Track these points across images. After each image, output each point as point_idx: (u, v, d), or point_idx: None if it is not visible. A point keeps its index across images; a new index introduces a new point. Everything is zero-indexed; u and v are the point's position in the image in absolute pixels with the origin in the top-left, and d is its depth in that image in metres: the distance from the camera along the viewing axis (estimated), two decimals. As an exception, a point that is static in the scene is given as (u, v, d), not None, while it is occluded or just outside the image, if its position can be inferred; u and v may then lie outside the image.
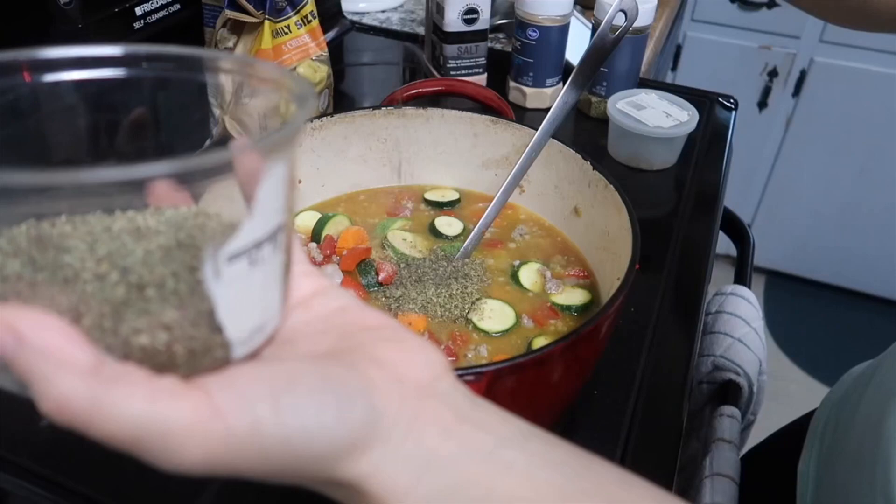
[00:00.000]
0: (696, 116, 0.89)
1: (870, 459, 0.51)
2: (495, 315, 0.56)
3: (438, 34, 0.99)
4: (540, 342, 0.54)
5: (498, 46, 1.19)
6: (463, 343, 0.54)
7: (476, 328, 0.55)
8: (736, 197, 1.64)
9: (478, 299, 0.58)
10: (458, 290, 0.58)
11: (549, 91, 1.00)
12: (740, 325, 0.77)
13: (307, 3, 0.83)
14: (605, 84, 0.96)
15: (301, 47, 0.84)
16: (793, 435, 0.72)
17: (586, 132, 0.97)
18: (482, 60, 1.01)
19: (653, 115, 0.88)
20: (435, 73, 1.03)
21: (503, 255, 0.64)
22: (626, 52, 0.94)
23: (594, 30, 0.94)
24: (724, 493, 0.60)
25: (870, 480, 0.50)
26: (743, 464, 0.64)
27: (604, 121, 0.93)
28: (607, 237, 0.58)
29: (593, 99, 0.98)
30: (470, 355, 0.54)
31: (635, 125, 0.86)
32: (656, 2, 0.92)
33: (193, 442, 0.23)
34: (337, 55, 1.13)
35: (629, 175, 0.87)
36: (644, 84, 0.99)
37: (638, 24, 0.91)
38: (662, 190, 0.89)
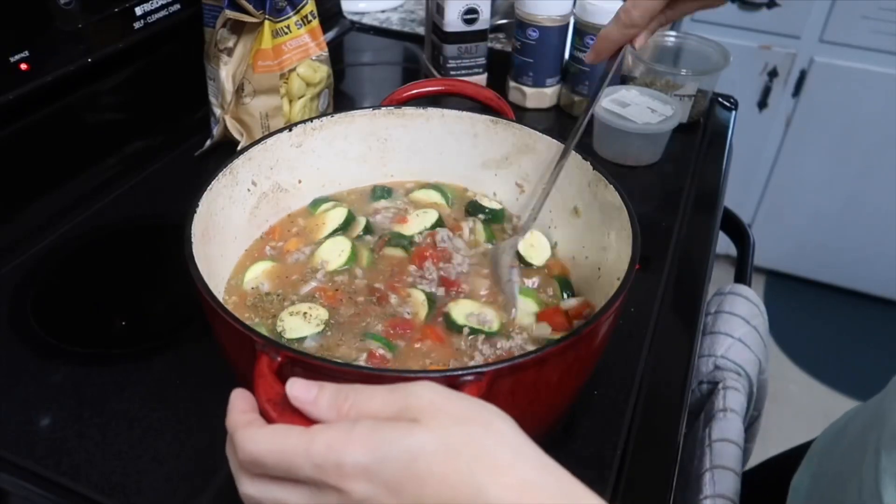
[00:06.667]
0: (680, 111, 0.89)
1: (856, 474, 0.53)
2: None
3: (438, 34, 0.99)
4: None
5: (498, 46, 1.19)
6: None
7: None
8: (736, 197, 1.64)
9: None
10: None
11: (548, 91, 1.00)
12: (740, 324, 0.77)
13: (307, 3, 0.83)
14: (587, 83, 0.96)
15: (301, 47, 0.84)
16: (784, 462, 0.73)
17: (570, 131, 0.96)
18: (482, 60, 1.01)
19: (638, 112, 0.88)
20: (435, 73, 1.03)
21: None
22: None
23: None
24: (725, 484, 0.61)
25: (858, 487, 0.52)
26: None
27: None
28: (607, 237, 0.58)
29: (576, 98, 0.99)
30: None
31: (624, 123, 0.86)
32: None
33: None
34: (337, 55, 1.13)
35: (619, 173, 0.87)
36: (623, 81, 0.99)
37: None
38: (654, 186, 0.89)
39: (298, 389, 0.36)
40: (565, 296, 0.60)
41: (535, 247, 0.64)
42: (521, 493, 0.31)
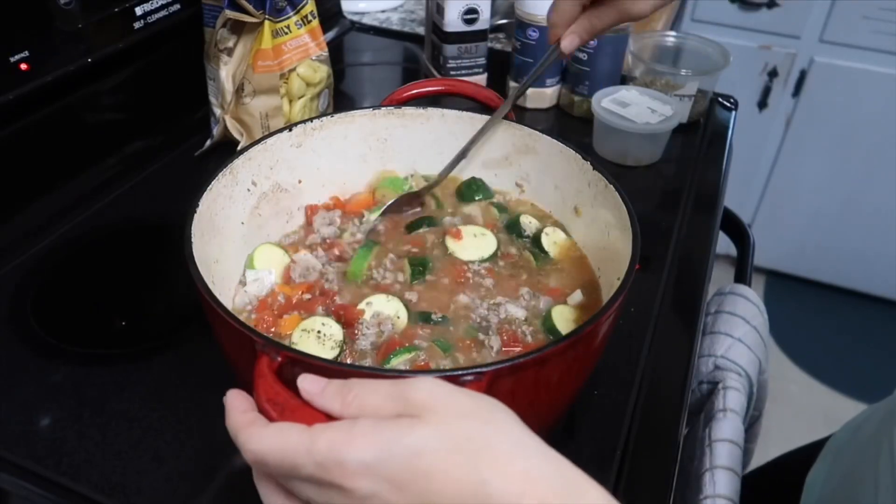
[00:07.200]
0: (680, 111, 0.89)
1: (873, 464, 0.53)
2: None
3: (438, 34, 0.99)
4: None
5: (498, 46, 1.19)
6: None
7: None
8: (736, 197, 1.64)
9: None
10: None
11: (548, 91, 1.00)
12: (740, 324, 0.77)
13: (307, 3, 0.83)
14: (587, 83, 0.96)
15: (301, 47, 0.84)
16: (787, 464, 0.73)
17: (570, 131, 0.97)
18: (482, 60, 1.01)
19: (638, 112, 0.88)
20: (435, 73, 1.03)
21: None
22: (608, 52, 0.94)
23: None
24: (725, 484, 0.61)
25: (874, 481, 0.52)
26: (743, 483, 0.64)
27: (587, 119, 0.93)
28: (607, 237, 0.58)
29: (576, 98, 0.99)
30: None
31: (624, 123, 0.86)
32: None
33: None
34: (337, 55, 1.13)
35: (619, 173, 0.87)
36: (623, 81, 0.99)
37: (620, 24, 0.92)
38: (654, 186, 0.89)
39: (308, 383, 0.37)
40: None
41: (557, 244, 0.64)
42: (524, 483, 0.31)
